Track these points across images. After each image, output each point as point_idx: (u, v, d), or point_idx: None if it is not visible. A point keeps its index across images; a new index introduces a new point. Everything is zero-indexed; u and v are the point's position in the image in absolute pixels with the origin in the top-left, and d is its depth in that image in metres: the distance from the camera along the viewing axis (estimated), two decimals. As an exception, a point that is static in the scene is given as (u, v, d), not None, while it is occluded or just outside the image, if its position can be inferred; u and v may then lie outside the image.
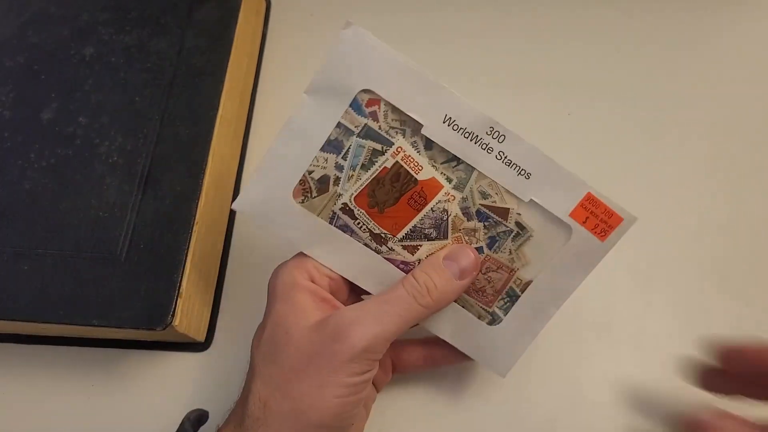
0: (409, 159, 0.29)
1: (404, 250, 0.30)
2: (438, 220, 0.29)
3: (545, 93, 0.44)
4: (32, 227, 0.34)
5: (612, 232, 0.29)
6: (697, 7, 0.47)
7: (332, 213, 0.29)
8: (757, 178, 0.41)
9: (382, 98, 0.28)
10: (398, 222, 0.29)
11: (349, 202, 0.29)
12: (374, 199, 0.29)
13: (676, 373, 0.34)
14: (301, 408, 0.27)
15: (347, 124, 0.28)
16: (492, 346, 0.31)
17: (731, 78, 0.44)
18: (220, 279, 0.38)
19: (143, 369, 0.36)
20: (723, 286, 0.38)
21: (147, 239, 0.33)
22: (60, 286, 0.32)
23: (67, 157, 0.35)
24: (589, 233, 0.29)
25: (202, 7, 0.40)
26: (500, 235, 0.30)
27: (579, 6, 0.47)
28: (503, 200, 0.29)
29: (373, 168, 0.29)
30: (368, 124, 0.28)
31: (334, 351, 0.27)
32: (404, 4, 0.47)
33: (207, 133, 0.36)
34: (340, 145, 0.29)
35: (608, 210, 0.29)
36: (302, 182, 0.29)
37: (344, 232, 0.30)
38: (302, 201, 0.29)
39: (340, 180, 0.29)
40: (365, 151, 0.29)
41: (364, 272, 0.30)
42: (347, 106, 0.28)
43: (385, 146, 0.29)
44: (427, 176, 0.29)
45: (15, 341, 0.36)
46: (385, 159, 0.29)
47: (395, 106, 0.28)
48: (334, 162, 0.29)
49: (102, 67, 0.38)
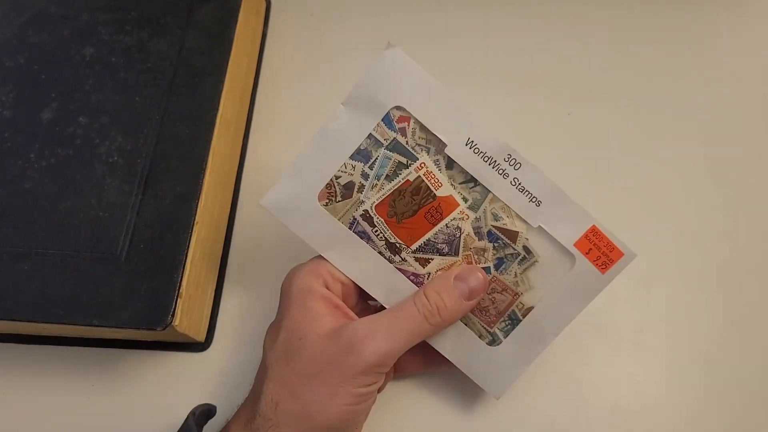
0: (430, 175, 0.30)
1: (416, 262, 0.31)
2: (451, 236, 0.31)
3: (545, 93, 0.44)
4: (32, 227, 0.34)
5: (612, 266, 0.31)
6: (697, 7, 0.47)
7: (352, 218, 0.31)
8: (757, 178, 0.41)
9: (412, 116, 0.30)
10: (414, 234, 0.31)
11: (370, 209, 0.31)
12: (394, 209, 0.31)
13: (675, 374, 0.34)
14: (310, 411, 0.28)
15: (377, 137, 0.30)
16: (489, 366, 0.32)
17: (732, 78, 0.44)
18: (220, 279, 0.38)
19: (143, 369, 0.36)
20: (723, 286, 0.38)
21: (147, 239, 0.33)
22: (60, 286, 0.32)
23: (67, 157, 0.35)
24: (591, 264, 0.31)
25: (202, 8, 0.40)
26: (508, 257, 0.31)
27: (579, 6, 0.47)
28: (513, 224, 0.31)
29: (396, 179, 0.31)
30: (397, 138, 0.30)
31: (347, 363, 0.28)
32: (404, 3, 0.47)
33: (207, 133, 0.36)
34: (368, 155, 0.30)
35: (610, 244, 0.31)
36: (329, 186, 0.31)
37: (361, 239, 0.31)
38: (326, 204, 0.31)
39: (364, 187, 0.31)
40: (391, 162, 0.30)
41: (375, 280, 0.31)
42: (379, 120, 0.30)
43: (409, 160, 0.30)
44: (445, 193, 0.31)
45: (15, 341, 0.36)
46: (408, 172, 0.30)
47: (423, 124, 0.30)
48: (360, 170, 0.31)
49: (102, 68, 0.38)
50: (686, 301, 0.37)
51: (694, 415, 0.34)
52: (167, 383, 0.35)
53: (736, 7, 0.47)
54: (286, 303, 0.30)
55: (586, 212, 0.30)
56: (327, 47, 0.46)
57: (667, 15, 0.46)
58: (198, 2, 0.40)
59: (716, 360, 0.36)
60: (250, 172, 0.41)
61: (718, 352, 0.36)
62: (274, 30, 0.47)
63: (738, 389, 0.35)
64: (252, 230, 0.40)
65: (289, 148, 0.42)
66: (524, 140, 0.41)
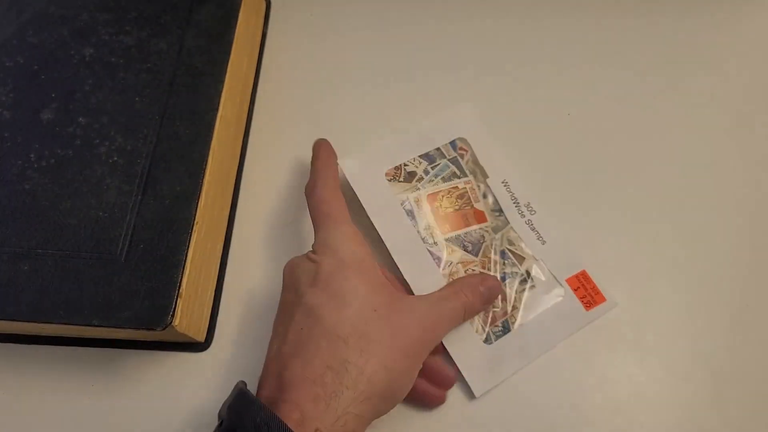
0: (473, 190, 0.39)
1: (445, 248, 0.37)
2: (477, 240, 0.38)
3: (545, 93, 0.44)
4: (32, 227, 0.34)
5: (596, 307, 0.37)
6: (697, 7, 0.47)
7: (406, 197, 0.38)
8: (758, 177, 0.41)
9: (471, 149, 0.40)
10: (450, 225, 0.38)
11: (423, 195, 0.39)
12: (440, 203, 0.39)
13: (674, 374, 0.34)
14: (398, 385, 0.30)
15: (443, 151, 0.40)
16: (478, 360, 0.35)
17: (732, 78, 0.44)
18: (220, 279, 0.38)
19: (143, 369, 0.36)
20: (724, 285, 0.38)
21: (147, 239, 0.33)
22: (60, 286, 0.32)
23: (67, 158, 0.35)
24: (578, 300, 0.37)
25: (202, 7, 0.40)
26: (512, 274, 0.37)
27: (579, 7, 0.47)
28: (522, 251, 0.38)
29: (449, 182, 0.39)
30: (457, 157, 0.40)
31: (428, 339, 0.31)
32: (404, 4, 0.47)
33: (207, 133, 0.36)
34: (433, 159, 0.40)
35: (596, 288, 0.37)
36: (397, 168, 0.39)
37: (407, 215, 0.38)
38: (390, 180, 0.39)
39: (423, 179, 0.39)
40: (449, 170, 0.40)
41: (405, 250, 0.37)
42: (447, 142, 0.40)
43: (462, 175, 0.40)
44: (480, 207, 0.39)
45: (15, 341, 0.36)
46: (459, 181, 0.39)
47: (476, 157, 0.40)
48: (424, 167, 0.40)
49: (102, 68, 0.38)
50: (687, 301, 0.37)
51: (695, 415, 0.34)
52: (167, 383, 0.35)
53: (737, 8, 0.47)
54: (342, 267, 0.31)
55: (581, 259, 0.37)
56: (327, 47, 0.46)
57: (667, 15, 0.46)
58: (198, 2, 0.40)
59: (717, 360, 0.36)
60: (250, 172, 0.41)
61: (718, 352, 0.36)
62: (274, 30, 0.47)
63: (738, 389, 0.35)
64: (252, 230, 0.40)
65: (289, 148, 0.42)
66: (524, 140, 0.42)
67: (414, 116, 0.42)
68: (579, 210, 0.40)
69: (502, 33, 0.46)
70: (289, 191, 0.41)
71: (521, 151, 0.41)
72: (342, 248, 0.32)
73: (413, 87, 0.44)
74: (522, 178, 0.40)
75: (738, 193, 0.40)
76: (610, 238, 0.39)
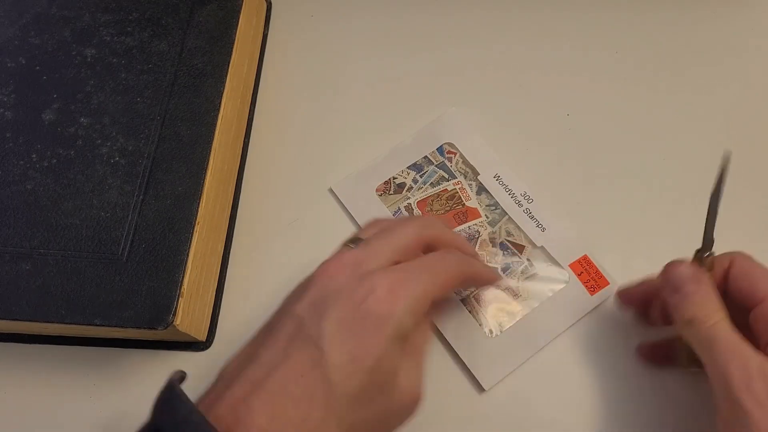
0: (463, 190, 0.40)
1: None
2: (471, 236, 0.39)
3: (545, 93, 0.44)
4: (34, 227, 0.34)
5: (600, 291, 0.36)
6: (697, 7, 0.47)
7: (398, 208, 0.40)
8: (759, 177, 0.41)
9: (459, 151, 0.41)
10: None
11: (413, 203, 0.40)
12: (431, 207, 0.40)
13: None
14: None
15: (431, 158, 0.41)
16: (483, 354, 0.35)
17: (732, 78, 0.44)
18: (221, 278, 0.38)
19: (145, 368, 0.36)
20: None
21: (148, 239, 0.33)
22: (62, 286, 0.32)
23: (68, 158, 0.36)
24: (582, 285, 0.37)
25: (203, 9, 0.40)
26: (513, 263, 0.38)
27: (579, 6, 0.47)
28: (521, 240, 0.38)
29: (438, 187, 0.40)
30: (444, 162, 0.41)
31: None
32: (404, 4, 0.47)
33: (208, 133, 0.36)
34: (421, 168, 0.41)
35: (598, 272, 0.37)
36: (386, 183, 0.41)
37: None
38: (380, 195, 0.40)
39: (412, 189, 0.40)
40: (437, 175, 0.41)
41: None
42: (434, 149, 0.41)
43: (450, 177, 0.40)
44: (472, 205, 0.40)
45: (16, 341, 0.36)
46: (447, 184, 0.40)
47: (466, 158, 0.41)
48: (412, 177, 0.41)
49: (103, 68, 0.38)
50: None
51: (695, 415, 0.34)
52: (168, 383, 0.35)
53: (737, 8, 0.47)
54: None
55: (582, 243, 0.37)
56: (327, 48, 0.46)
57: (667, 15, 0.46)
58: (199, 3, 0.40)
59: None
60: (251, 172, 0.42)
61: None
62: (275, 31, 0.47)
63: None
64: (253, 229, 0.40)
65: (289, 149, 0.42)
66: (524, 140, 0.42)
67: (416, 114, 0.42)
68: (577, 195, 0.40)
69: (502, 32, 0.46)
70: (290, 191, 0.41)
71: (513, 146, 0.41)
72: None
73: (413, 86, 0.44)
74: (514, 169, 0.40)
75: (740, 192, 0.40)
76: (610, 221, 0.39)
